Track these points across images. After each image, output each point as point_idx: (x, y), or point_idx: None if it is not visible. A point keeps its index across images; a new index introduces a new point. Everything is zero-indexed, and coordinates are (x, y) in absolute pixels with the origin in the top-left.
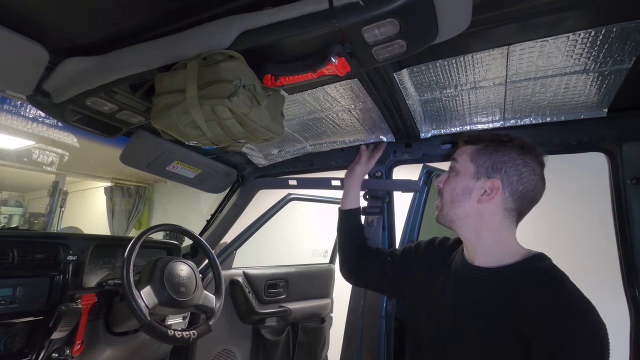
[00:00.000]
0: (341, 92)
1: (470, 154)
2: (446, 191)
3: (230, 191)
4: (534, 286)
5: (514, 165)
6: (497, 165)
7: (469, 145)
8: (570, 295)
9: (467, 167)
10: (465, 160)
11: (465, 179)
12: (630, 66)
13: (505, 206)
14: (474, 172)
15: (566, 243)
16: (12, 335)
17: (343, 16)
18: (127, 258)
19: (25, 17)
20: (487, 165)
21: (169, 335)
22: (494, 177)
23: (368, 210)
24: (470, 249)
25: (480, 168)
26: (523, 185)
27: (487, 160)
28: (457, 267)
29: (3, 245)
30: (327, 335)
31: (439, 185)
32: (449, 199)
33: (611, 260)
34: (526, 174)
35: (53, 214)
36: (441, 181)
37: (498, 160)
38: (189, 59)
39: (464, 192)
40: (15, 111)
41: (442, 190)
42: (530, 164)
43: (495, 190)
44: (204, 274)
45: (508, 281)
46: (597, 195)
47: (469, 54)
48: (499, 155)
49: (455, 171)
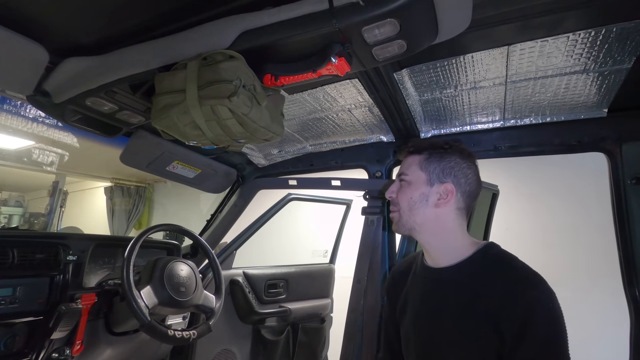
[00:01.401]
0: (341, 92)
1: (418, 164)
2: (402, 201)
3: (230, 191)
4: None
5: (460, 168)
6: (446, 171)
7: (414, 155)
8: (522, 273)
9: (419, 175)
10: (415, 170)
11: (420, 187)
12: (630, 66)
13: (457, 206)
14: (426, 180)
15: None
16: (12, 335)
17: (343, 16)
18: (127, 258)
19: (25, 17)
20: (437, 171)
21: (169, 335)
22: (446, 182)
23: (368, 210)
24: (432, 253)
25: (431, 175)
26: (470, 186)
27: (436, 167)
28: (420, 275)
29: (3, 245)
30: (327, 335)
31: (391, 196)
32: (407, 207)
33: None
34: (470, 175)
35: (53, 214)
36: (393, 192)
37: (447, 166)
38: (189, 59)
39: (421, 199)
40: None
41: (396, 200)
42: (472, 166)
43: (450, 193)
44: (204, 274)
45: (470, 273)
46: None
47: (469, 54)
48: (446, 161)
49: (407, 181)
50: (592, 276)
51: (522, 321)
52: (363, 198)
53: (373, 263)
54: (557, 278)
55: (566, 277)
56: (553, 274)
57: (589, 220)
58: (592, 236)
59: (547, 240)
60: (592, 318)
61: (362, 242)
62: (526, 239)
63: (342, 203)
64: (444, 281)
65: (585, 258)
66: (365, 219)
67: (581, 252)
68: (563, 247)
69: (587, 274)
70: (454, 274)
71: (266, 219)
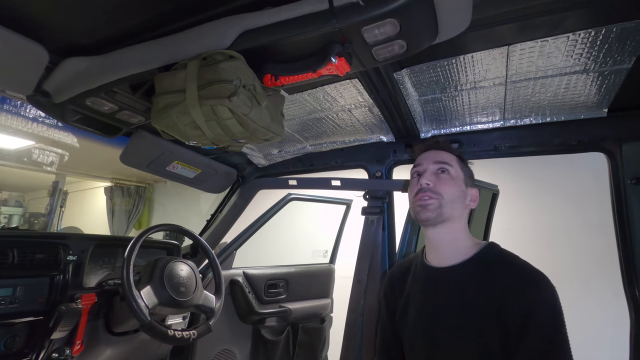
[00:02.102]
0: (341, 92)
1: (458, 162)
2: (446, 191)
3: (230, 191)
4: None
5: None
6: (472, 178)
7: (448, 153)
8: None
9: (459, 174)
10: (457, 168)
11: (461, 184)
12: (630, 66)
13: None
14: (464, 179)
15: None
16: (12, 335)
17: (343, 16)
18: (127, 258)
19: (25, 17)
20: (468, 176)
21: (169, 335)
22: (475, 188)
23: (368, 210)
24: (442, 250)
25: (466, 177)
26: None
27: (467, 172)
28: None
29: (3, 245)
30: (327, 335)
31: (429, 183)
32: (450, 198)
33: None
34: None
35: (53, 214)
36: (431, 180)
37: (471, 174)
38: (189, 59)
39: (461, 195)
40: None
41: (436, 189)
42: None
43: (476, 199)
44: (204, 274)
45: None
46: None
47: (469, 54)
48: (469, 169)
49: (451, 176)
50: (592, 276)
51: (526, 315)
52: (363, 198)
53: (373, 263)
54: (557, 278)
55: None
56: (553, 274)
57: (589, 220)
58: (592, 236)
59: (547, 240)
60: (592, 318)
61: (362, 242)
62: (526, 239)
63: (342, 203)
64: (448, 280)
65: (585, 258)
66: (365, 219)
67: (581, 252)
68: (563, 247)
69: (587, 273)
70: (458, 272)
71: (266, 219)
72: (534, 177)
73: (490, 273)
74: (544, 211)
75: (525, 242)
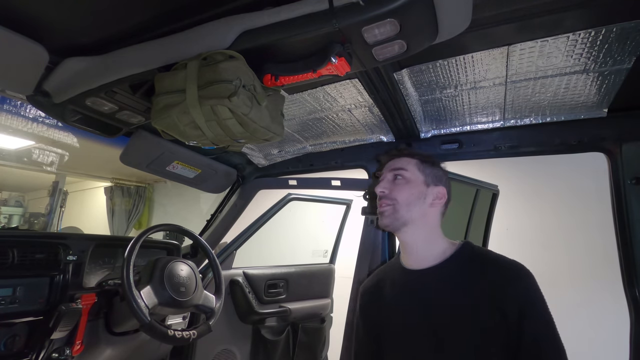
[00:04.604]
0: (341, 92)
1: (416, 165)
2: (400, 196)
3: (230, 191)
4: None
5: (447, 179)
6: (438, 177)
7: (409, 157)
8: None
9: (417, 175)
10: (414, 170)
11: (419, 186)
12: (630, 66)
13: (441, 210)
14: (424, 180)
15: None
16: (12, 335)
17: (343, 16)
18: (127, 258)
19: (25, 17)
20: (432, 175)
21: (169, 335)
22: (439, 186)
23: (368, 210)
24: (417, 252)
25: (427, 177)
26: (449, 195)
27: (430, 172)
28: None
29: (3, 245)
30: (327, 335)
31: (383, 191)
32: (405, 203)
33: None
34: (449, 186)
35: (53, 214)
36: (386, 187)
37: (438, 173)
38: (189, 59)
39: (419, 197)
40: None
41: (390, 195)
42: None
43: (443, 196)
44: (204, 274)
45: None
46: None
47: (469, 54)
48: (437, 169)
49: (406, 179)
50: (592, 276)
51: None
52: (363, 198)
53: (373, 263)
54: (557, 278)
55: (566, 277)
56: (553, 274)
57: (589, 220)
58: (592, 236)
59: (547, 240)
60: (591, 318)
61: (362, 242)
62: (526, 239)
63: (342, 203)
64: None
65: (586, 258)
66: (365, 219)
67: (581, 252)
68: (563, 247)
69: (587, 273)
70: (442, 271)
71: (266, 219)
72: (534, 177)
73: (475, 267)
74: (544, 211)
75: (526, 242)
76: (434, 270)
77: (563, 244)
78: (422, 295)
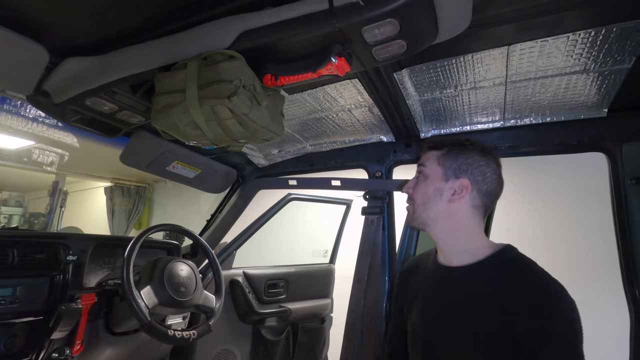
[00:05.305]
0: (341, 92)
1: (436, 158)
2: (417, 195)
3: (230, 191)
4: (510, 276)
5: (478, 166)
6: (463, 167)
7: (434, 150)
8: (542, 279)
9: (435, 170)
10: (433, 164)
11: (435, 182)
12: (630, 66)
13: (473, 204)
14: (442, 175)
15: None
16: (12, 335)
17: (343, 16)
18: (127, 258)
19: (25, 17)
20: (454, 167)
21: (169, 335)
22: (462, 177)
23: (368, 210)
24: (445, 251)
25: (447, 170)
26: (487, 184)
27: (453, 163)
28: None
29: (3, 245)
30: (327, 335)
31: (408, 191)
32: (421, 201)
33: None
34: (489, 173)
35: (53, 214)
36: (410, 187)
37: (464, 163)
38: (189, 59)
39: (435, 194)
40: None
41: (412, 195)
42: (491, 164)
43: (465, 189)
44: (204, 274)
45: (486, 275)
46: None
47: (469, 54)
48: (464, 157)
49: (424, 175)
50: (592, 276)
51: (542, 329)
52: (363, 198)
53: (373, 263)
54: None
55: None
56: (553, 274)
57: (589, 220)
58: (592, 236)
59: (547, 240)
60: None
61: (362, 242)
62: (526, 238)
63: (342, 203)
64: (456, 280)
65: (586, 258)
66: (365, 219)
67: (581, 252)
68: (563, 247)
69: (587, 273)
70: (468, 274)
71: (266, 219)
72: (534, 177)
73: (504, 279)
74: (544, 211)
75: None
76: (460, 270)
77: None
78: (443, 293)
